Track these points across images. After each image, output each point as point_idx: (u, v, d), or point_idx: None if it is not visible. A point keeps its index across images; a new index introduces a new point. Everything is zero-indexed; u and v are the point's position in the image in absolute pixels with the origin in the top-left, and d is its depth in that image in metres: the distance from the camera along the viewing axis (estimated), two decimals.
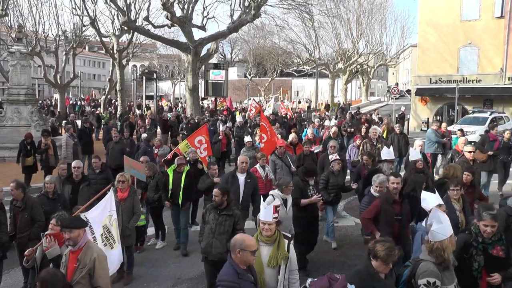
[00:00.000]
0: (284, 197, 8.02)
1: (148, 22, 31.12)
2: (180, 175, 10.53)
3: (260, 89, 68.85)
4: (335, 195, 10.55)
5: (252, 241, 5.07)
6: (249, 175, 10.01)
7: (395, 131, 17.16)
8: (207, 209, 7.55)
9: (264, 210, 5.75)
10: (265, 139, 14.50)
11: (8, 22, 40.60)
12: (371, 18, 53.94)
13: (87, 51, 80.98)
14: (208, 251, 7.29)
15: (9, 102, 21.62)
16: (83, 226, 5.63)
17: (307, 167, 9.85)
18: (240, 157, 10.28)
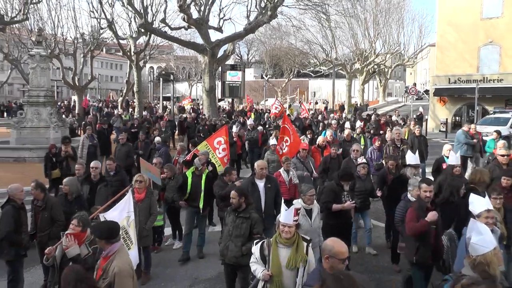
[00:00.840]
0: (308, 207, 7.65)
1: (165, 24, 31.22)
2: (200, 178, 10.31)
3: (276, 90, 68.79)
4: (362, 201, 10.03)
5: (343, 248, 4.75)
6: (269, 180, 9.35)
7: (414, 133, 16.61)
8: (227, 211, 7.50)
9: (285, 212, 5.71)
10: (288, 141, 13.95)
11: (28, 26, 41.14)
12: (388, 18, 53.62)
13: (105, 53, 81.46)
14: (224, 253, 7.25)
15: (29, 104, 21.84)
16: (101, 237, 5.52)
17: (344, 170, 9.48)
18: (258, 163, 9.59)
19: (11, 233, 7.96)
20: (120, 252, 5.49)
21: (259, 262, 5.84)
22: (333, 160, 12.55)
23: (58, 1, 42.72)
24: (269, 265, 5.68)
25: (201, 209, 10.20)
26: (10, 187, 8.31)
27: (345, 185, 8.73)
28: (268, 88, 69.60)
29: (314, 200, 7.76)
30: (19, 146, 20.37)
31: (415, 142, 15.82)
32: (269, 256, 5.71)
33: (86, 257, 6.08)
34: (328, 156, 12.76)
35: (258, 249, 5.89)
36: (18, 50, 48.44)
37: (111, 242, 5.43)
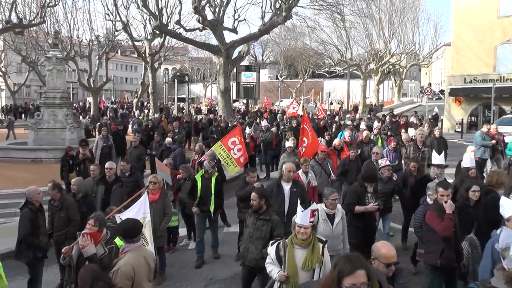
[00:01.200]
0: (330, 212, 7.35)
1: (180, 25, 31.36)
2: (210, 182, 10.11)
3: (291, 90, 68.72)
4: (384, 204, 9.54)
5: (390, 252, 4.50)
6: (295, 184, 9.02)
7: (434, 134, 16.11)
8: (248, 213, 7.44)
9: (301, 213, 5.68)
10: (306, 142, 13.62)
11: (45, 29, 41.60)
12: (403, 17, 53.31)
13: (120, 55, 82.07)
14: (244, 255, 7.21)
15: (46, 106, 22.09)
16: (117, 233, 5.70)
17: (367, 172, 9.21)
18: (286, 165, 9.21)
19: (29, 236, 8.03)
20: (132, 252, 5.57)
21: (274, 263, 5.82)
22: (352, 162, 12.31)
23: (74, 4, 43.30)
24: (285, 266, 5.66)
25: (212, 213, 10.04)
26: (28, 190, 8.36)
27: (369, 186, 8.48)
28: (282, 89, 69.51)
29: (337, 205, 7.45)
30: (36, 147, 20.65)
31: (434, 143, 15.36)
32: (285, 257, 5.69)
33: (102, 257, 6.11)
34: (346, 158, 12.55)
35: (274, 250, 5.88)
36: (35, 53, 49.21)
37: (127, 241, 5.59)
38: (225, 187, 11.17)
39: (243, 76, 36.13)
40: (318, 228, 7.11)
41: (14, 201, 13.84)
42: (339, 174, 12.17)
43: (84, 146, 14.32)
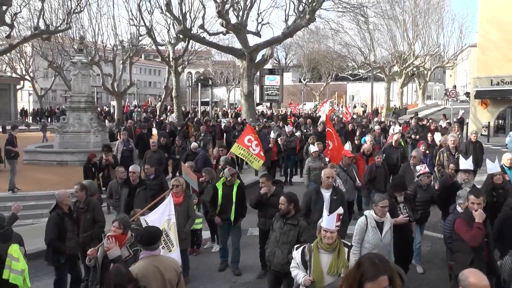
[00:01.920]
0: (380, 219, 6.97)
1: (203, 30, 31.45)
2: (231, 189, 9.74)
3: (315, 93, 68.57)
4: (422, 212, 9.20)
5: (481, 282, 3.97)
6: (335, 191, 8.68)
7: (470, 138, 15.34)
8: (276, 217, 7.36)
9: (327, 217, 5.63)
10: (331, 146, 13.24)
11: (71, 35, 42.25)
12: (427, 19, 52.72)
13: (143, 60, 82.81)
14: (270, 259, 7.13)
15: (71, 110, 22.47)
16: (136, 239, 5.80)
17: (395, 180, 8.86)
18: (325, 171, 8.86)
19: (54, 240, 8.10)
20: (144, 260, 5.53)
21: (300, 267, 5.76)
22: (379, 168, 11.97)
23: (99, 10, 44.17)
24: (311, 270, 5.60)
25: (232, 221, 9.64)
26: (57, 193, 8.43)
27: (399, 196, 8.11)
28: (306, 92, 69.40)
29: (386, 212, 7.05)
30: (62, 150, 21.05)
31: (470, 148, 14.77)
32: (310, 262, 5.64)
33: (127, 259, 6.14)
34: (373, 165, 12.18)
35: (299, 254, 5.81)
36: (61, 58, 50.04)
37: (144, 248, 5.60)
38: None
39: (267, 80, 36.22)
40: (367, 236, 6.88)
41: (41, 203, 14.08)
42: (366, 182, 11.84)
43: (107, 152, 14.43)
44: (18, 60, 57.08)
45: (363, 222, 6.93)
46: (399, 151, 14.31)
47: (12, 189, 15.24)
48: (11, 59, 56.31)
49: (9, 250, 6.88)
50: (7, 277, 6.76)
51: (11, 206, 9.04)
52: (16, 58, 56.47)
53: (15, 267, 6.83)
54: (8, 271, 6.79)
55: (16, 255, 6.89)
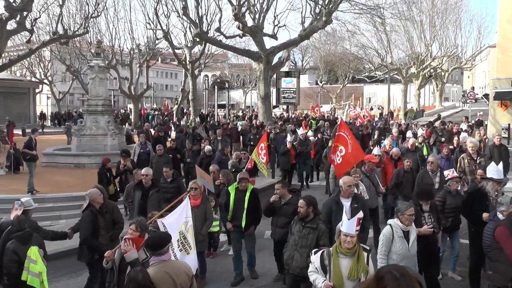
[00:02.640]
0: (406, 228, 6.66)
1: (220, 33, 31.54)
2: (243, 195, 9.40)
3: (331, 96, 68.34)
4: (453, 219, 8.78)
5: None
6: (356, 199, 8.14)
7: (494, 142, 14.40)
8: (294, 220, 7.28)
9: (348, 222, 5.55)
10: (343, 152, 11.91)
11: (88, 39, 42.77)
12: (445, 19, 52.17)
13: (160, 63, 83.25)
14: (289, 263, 7.05)
15: (88, 113, 22.64)
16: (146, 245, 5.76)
17: (422, 188, 8.45)
18: (344, 179, 8.28)
19: (89, 238, 8.21)
20: (153, 267, 5.47)
21: (319, 271, 5.69)
22: (406, 173, 11.33)
23: (116, 15, 44.50)
24: (331, 275, 5.54)
25: (243, 228, 9.31)
26: (89, 192, 8.51)
27: (424, 205, 7.66)
28: (322, 94, 69.20)
29: (412, 221, 6.76)
30: (79, 153, 21.25)
31: (494, 152, 13.75)
32: (330, 266, 5.57)
33: (144, 262, 6.13)
34: (401, 169, 11.56)
35: (318, 259, 5.73)
36: (79, 62, 50.61)
37: (153, 254, 5.55)
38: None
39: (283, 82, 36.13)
40: (394, 247, 6.56)
41: (59, 205, 14.19)
42: (392, 187, 11.36)
43: (125, 157, 14.16)
44: (37, 64, 57.88)
45: (388, 232, 6.63)
46: (417, 155, 13.73)
47: (31, 191, 15.39)
48: (30, 63, 57.11)
49: (28, 252, 6.94)
50: (25, 279, 6.84)
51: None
52: (35, 62, 57.26)
53: (32, 269, 6.88)
54: (26, 273, 6.85)
55: (34, 257, 6.93)
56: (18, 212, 8.27)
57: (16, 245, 7.05)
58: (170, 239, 5.94)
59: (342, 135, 12.08)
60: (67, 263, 9.71)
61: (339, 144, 12.03)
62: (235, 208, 9.37)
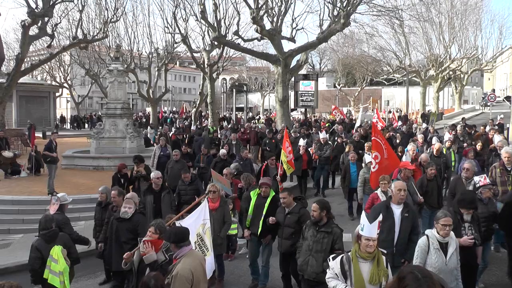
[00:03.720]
0: (443, 240, 6.18)
1: (238, 36, 31.54)
2: (264, 201, 9.09)
3: (349, 99, 68.02)
4: (486, 229, 8.07)
5: None
6: (407, 207, 7.54)
7: None
8: (307, 225, 7.20)
9: (369, 225, 5.45)
10: (379, 158, 11.42)
11: (107, 43, 43.23)
12: (464, 20, 51.46)
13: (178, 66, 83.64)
14: (304, 268, 6.99)
15: (107, 116, 22.91)
16: (171, 241, 5.75)
17: (465, 195, 7.74)
18: (396, 183, 7.81)
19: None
20: (187, 257, 5.63)
21: (339, 277, 5.58)
22: (431, 182, 10.74)
23: (134, 19, 45.00)
24: (352, 281, 5.44)
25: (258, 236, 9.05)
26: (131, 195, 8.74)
27: (465, 214, 7.12)
28: (340, 97, 68.94)
29: (449, 232, 6.23)
30: (98, 155, 21.51)
31: None
32: (350, 271, 5.47)
33: (163, 264, 6.17)
34: (424, 177, 10.91)
35: (338, 264, 5.60)
36: (98, 66, 51.22)
37: (179, 246, 5.65)
38: None
39: (301, 85, 35.94)
40: (429, 259, 6.12)
41: (78, 206, 14.32)
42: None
43: (138, 163, 13.48)
44: (57, 68, 58.81)
45: (424, 243, 6.21)
46: (441, 161, 13.34)
47: (51, 193, 15.54)
48: (51, 67, 58.00)
49: (51, 251, 7.10)
50: (46, 277, 7.00)
51: None
52: (56, 66, 58.12)
53: (54, 268, 7.02)
54: (48, 271, 7.01)
55: (56, 257, 7.07)
56: (55, 206, 8.76)
57: (41, 243, 7.24)
58: (189, 231, 6.03)
59: (376, 140, 11.59)
60: (86, 264, 9.75)
61: (374, 151, 11.60)
62: (254, 214, 9.15)
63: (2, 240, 12.64)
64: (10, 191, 16.47)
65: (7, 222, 13.97)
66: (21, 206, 14.95)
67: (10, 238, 13.24)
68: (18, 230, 13.58)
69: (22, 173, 19.63)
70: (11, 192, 16.28)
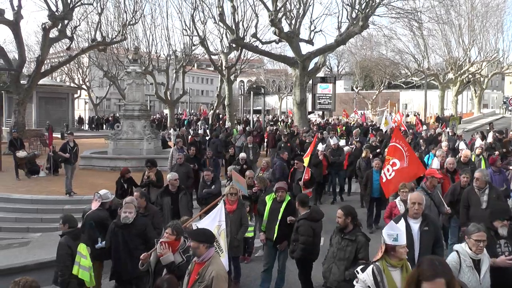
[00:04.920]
0: (476, 257, 5.57)
1: (256, 38, 31.54)
2: (279, 206, 8.99)
3: (367, 102, 67.70)
4: None
5: None
6: (426, 220, 6.72)
7: None
8: (334, 231, 7.00)
9: (403, 233, 5.27)
10: (397, 165, 10.51)
11: (125, 45, 43.58)
12: (485, 23, 50.90)
13: (196, 69, 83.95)
14: (326, 275, 6.82)
15: (125, 117, 23.03)
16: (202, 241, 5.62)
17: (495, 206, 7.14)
18: (412, 195, 6.92)
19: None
20: (215, 258, 5.66)
21: None
22: (463, 190, 9.59)
23: (153, 22, 45.55)
24: None
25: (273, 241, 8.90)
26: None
27: (500, 227, 6.23)
28: (358, 100, 68.65)
29: (482, 248, 5.59)
30: (115, 156, 21.63)
31: None
32: (383, 282, 5.23)
33: (180, 265, 6.15)
34: (457, 185, 9.93)
35: (370, 276, 5.28)
36: (116, 68, 51.55)
37: (209, 247, 5.61)
38: None
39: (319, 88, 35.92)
40: (461, 278, 5.47)
41: None
42: (447, 205, 9.59)
43: (150, 167, 12.66)
44: (76, 70, 59.43)
45: (455, 261, 5.61)
46: (469, 169, 11.67)
47: (69, 193, 15.74)
48: (69, 69, 58.66)
49: (78, 248, 7.23)
50: (76, 273, 7.11)
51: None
52: (74, 68, 58.72)
53: (83, 264, 7.17)
54: (77, 267, 7.13)
55: (84, 253, 7.25)
56: (97, 203, 9.04)
57: (68, 240, 7.34)
58: None
59: (396, 146, 10.67)
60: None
61: (392, 157, 10.66)
62: (270, 219, 9.03)
63: (21, 238, 12.76)
64: (29, 191, 16.67)
65: (26, 221, 14.10)
66: (40, 205, 15.11)
67: (29, 236, 13.36)
68: (37, 229, 13.69)
69: (41, 173, 19.85)
70: (30, 192, 16.47)
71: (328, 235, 7.57)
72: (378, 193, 12.63)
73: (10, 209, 14.89)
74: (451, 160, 11.62)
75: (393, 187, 10.21)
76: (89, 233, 8.82)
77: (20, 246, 12.46)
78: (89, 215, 9.05)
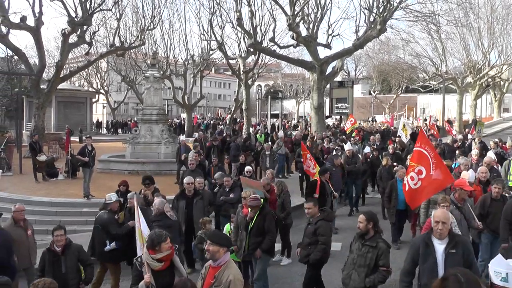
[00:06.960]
0: None
1: (274, 43, 31.52)
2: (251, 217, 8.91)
3: (384, 106, 67.28)
4: None
5: None
6: (454, 240, 5.85)
7: None
8: (354, 237, 6.91)
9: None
10: (423, 174, 9.49)
11: (143, 50, 43.95)
12: (506, 25, 49.92)
13: (214, 73, 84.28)
14: (346, 282, 6.73)
15: (143, 122, 23.23)
16: (224, 244, 5.61)
17: None
18: (435, 213, 6.02)
19: None
20: (231, 262, 5.65)
21: None
22: (495, 202, 8.94)
23: (171, 27, 45.72)
24: None
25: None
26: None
27: None
28: (375, 104, 68.25)
29: None
30: (133, 160, 21.82)
31: None
32: None
33: None
34: (487, 196, 9.16)
35: None
36: (134, 72, 52.05)
37: (226, 252, 5.62)
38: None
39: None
40: None
41: None
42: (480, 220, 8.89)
43: (148, 184, 11.63)
44: (94, 75, 60.11)
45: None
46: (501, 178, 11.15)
47: (87, 196, 15.89)
48: (88, 74, 59.32)
49: None
50: None
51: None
52: (93, 73, 59.37)
53: None
54: None
55: None
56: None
57: None
58: None
59: (422, 152, 9.67)
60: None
61: (416, 164, 9.70)
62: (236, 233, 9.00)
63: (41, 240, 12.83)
64: (48, 193, 16.94)
65: (45, 223, 14.20)
66: (59, 208, 15.34)
67: (48, 238, 13.47)
68: None
69: (59, 176, 20.11)
70: (49, 194, 16.74)
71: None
72: (403, 205, 11.42)
73: (30, 211, 14.98)
74: (484, 169, 10.55)
75: (419, 197, 9.59)
76: (98, 237, 9.11)
77: (40, 248, 12.55)
78: (96, 219, 9.42)
